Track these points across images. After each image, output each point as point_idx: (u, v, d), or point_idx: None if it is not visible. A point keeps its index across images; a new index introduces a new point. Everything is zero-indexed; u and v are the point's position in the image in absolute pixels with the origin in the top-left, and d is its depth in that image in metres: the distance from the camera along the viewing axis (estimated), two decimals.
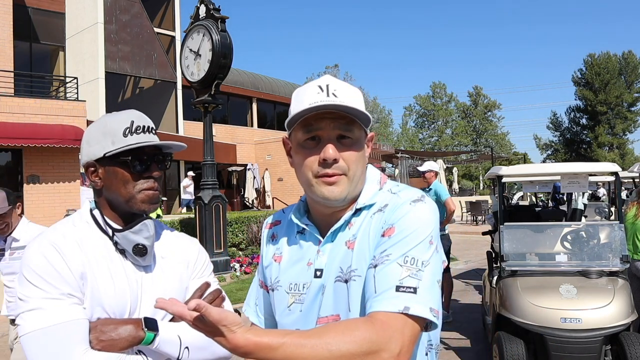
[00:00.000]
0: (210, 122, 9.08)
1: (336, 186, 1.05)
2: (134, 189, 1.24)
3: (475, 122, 57.17)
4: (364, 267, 1.01)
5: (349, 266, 1.03)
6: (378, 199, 1.09)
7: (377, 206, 1.08)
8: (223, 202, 9.05)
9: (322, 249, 1.09)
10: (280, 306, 1.14)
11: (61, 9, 18.18)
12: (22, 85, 16.20)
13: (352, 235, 1.07)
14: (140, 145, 1.23)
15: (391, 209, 1.04)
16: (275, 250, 1.20)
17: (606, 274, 3.97)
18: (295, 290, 1.11)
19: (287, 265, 1.15)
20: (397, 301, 0.92)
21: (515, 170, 4.92)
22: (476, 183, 48.49)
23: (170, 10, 20.52)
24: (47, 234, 1.22)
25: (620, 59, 50.41)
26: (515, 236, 4.38)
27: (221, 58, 8.46)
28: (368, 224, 1.06)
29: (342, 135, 1.05)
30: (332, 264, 1.07)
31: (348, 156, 1.05)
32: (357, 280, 1.01)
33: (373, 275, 0.97)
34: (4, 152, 13.72)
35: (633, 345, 3.38)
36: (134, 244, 1.24)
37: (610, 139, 50.36)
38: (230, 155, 21.23)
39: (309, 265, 1.10)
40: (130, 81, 21.12)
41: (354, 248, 1.04)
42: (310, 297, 1.08)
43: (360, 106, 1.05)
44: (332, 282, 1.05)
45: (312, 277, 1.08)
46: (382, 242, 1.00)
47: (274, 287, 1.16)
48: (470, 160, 44.33)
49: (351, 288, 1.02)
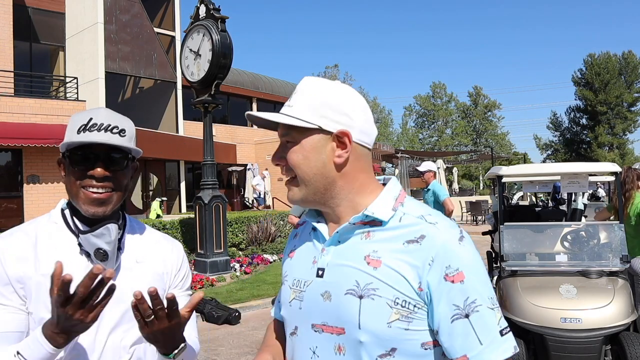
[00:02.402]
0: (210, 122, 9.07)
1: (290, 191, 1.09)
2: (77, 187, 1.21)
3: (475, 122, 57.19)
4: (389, 291, 0.97)
5: (369, 283, 0.98)
6: (406, 220, 1.03)
7: (406, 232, 1.01)
8: (223, 202, 9.05)
9: (327, 248, 1.08)
10: (284, 300, 1.15)
11: (61, 9, 18.18)
12: (22, 85, 16.22)
13: (374, 251, 1.01)
14: (82, 143, 1.19)
15: (434, 246, 0.98)
16: (293, 247, 1.21)
17: (606, 274, 3.97)
18: (296, 287, 1.11)
19: (295, 261, 1.16)
20: (507, 345, 0.97)
21: (515, 170, 4.92)
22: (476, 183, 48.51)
23: (170, 10, 20.52)
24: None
25: (620, 59, 50.44)
26: (515, 236, 4.38)
27: (221, 58, 8.47)
28: (400, 252, 0.99)
29: (287, 140, 1.07)
30: (339, 271, 1.03)
31: (288, 157, 1.07)
32: (376, 299, 0.97)
33: (471, 327, 0.96)
34: (4, 152, 13.73)
35: (633, 345, 3.38)
36: (95, 247, 1.20)
37: (610, 139, 50.37)
38: (230, 155, 21.24)
39: (313, 264, 1.09)
40: (130, 81, 21.12)
41: (378, 268, 0.99)
42: (310, 296, 1.06)
43: (292, 112, 1.05)
44: (340, 293, 1.01)
45: (314, 275, 1.07)
46: (454, 288, 0.96)
47: (283, 281, 1.18)
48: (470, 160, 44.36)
49: (365, 305, 0.98)
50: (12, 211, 13.75)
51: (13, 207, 13.82)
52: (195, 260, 9.06)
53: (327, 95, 1.05)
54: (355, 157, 1.06)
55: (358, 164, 1.06)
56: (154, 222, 10.74)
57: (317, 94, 1.05)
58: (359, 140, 1.06)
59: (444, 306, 0.96)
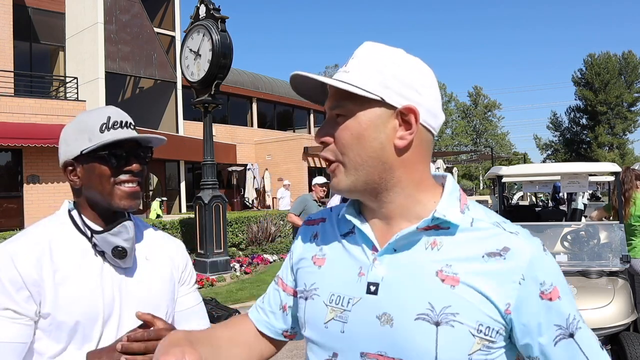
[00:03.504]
0: (210, 122, 9.07)
1: (334, 177, 0.91)
2: (113, 184, 1.21)
3: (475, 122, 57.18)
4: (472, 316, 0.82)
5: (447, 306, 0.82)
6: (479, 226, 0.87)
7: (483, 242, 0.85)
8: (223, 202, 9.05)
9: (379, 258, 0.88)
10: (314, 320, 0.93)
11: (61, 9, 18.17)
12: (22, 85, 16.21)
13: (447, 265, 0.84)
14: (117, 139, 1.19)
15: (524, 260, 0.83)
16: (318, 251, 0.98)
17: (606, 274, 3.97)
18: (337, 304, 0.90)
19: (329, 271, 0.94)
20: (607, 357, 0.90)
21: (515, 170, 4.92)
22: (476, 183, 48.52)
23: (170, 10, 20.52)
24: (9, 242, 1.18)
25: (620, 59, 50.41)
26: None
27: (221, 58, 8.46)
28: (479, 266, 0.83)
29: (337, 114, 0.89)
30: (403, 289, 0.85)
31: (337, 135, 0.89)
32: (456, 327, 0.81)
33: (577, 347, 0.85)
34: (4, 152, 13.73)
35: (633, 345, 3.38)
36: (113, 246, 1.20)
37: (610, 139, 50.35)
38: (230, 155, 21.24)
39: (359, 276, 0.89)
40: (130, 81, 21.12)
41: (456, 286, 0.83)
42: (359, 318, 0.87)
43: (351, 78, 0.87)
44: (408, 317, 0.83)
45: (363, 291, 0.87)
46: (552, 307, 0.84)
47: (309, 295, 0.95)
48: (470, 160, 44.37)
49: (443, 334, 0.81)
50: (12, 211, 13.75)
51: (13, 207, 13.81)
52: (195, 260, 9.05)
53: (392, 63, 0.87)
54: (419, 142, 0.88)
55: (420, 151, 0.89)
56: (154, 222, 10.74)
57: (381, 61, 0.87)
58: (425, 122, 0.88)
59: (545, 328, 0.84)
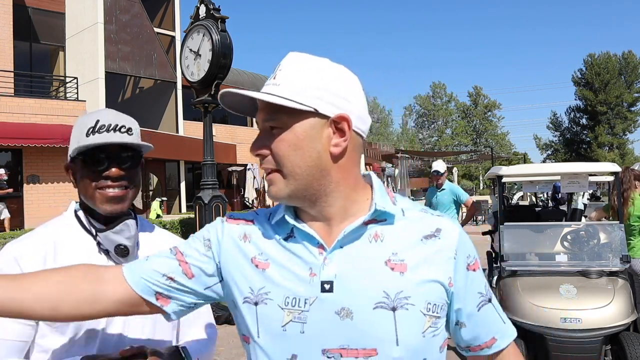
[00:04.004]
0: (210, 122, 9.07)
1: (272, 185, 0.93)
2: (93, 188, 1.22)
3: (475, 122, 57.19)
4: (422, 297, 0.89)
5: (400, 291, 0.88)
6: (410, 214, 0.95)
7: (418, 227, 0.94)
8: (223, 202, 9.04)
9: (329, 257, 0.90)
10: (270, 325, 0.92)
11: (61, 9, 18.17)
12: (22, 85, 16.21)
13: (393, 253, 0.90)
14: (94, 144, 1.20)
15: (454, 237, 0.94)
16: (257, 254, 0.96)
17: (606, 274, 3.97)
18: (293, 306, 0.90)
19: (278, 274, 0.93)
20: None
21: (515, 170, 4.93)
22: (476, 183, 48.53)
23: (170, 10, 20.52)
24: (15, 243, 1.20)
25: (620, 59, 50.42)
26: (515, 236, 4.38)
27: (221, 58, 8.46)
28: (421, 250, 0.91)
29: (271, 126, 0.91)
30: (357, 282, 0.89)
31: (274, 147, 0.90)
32: (410, 309, 0.88)
33: (494, 310, 1.01)
34: (4, 152, 13.73)
35: (633, 345, 3.38)
36: (115, 244, 1.22)
37: (610, 139, 50.36)
38: (230, 155, 21.24)
39: (312, 277, 0.90)
40: (130, 81, 21.12)
41: (405, 272, 0.89)
42: (318, 317, 0.89)
43: (281, 91, 0.88)
44: (367, 308, 0.87)
45: (317, 291, 0.89)
46: (476, 276, 0.97)
47: (260, 300, 0.93)
48: (470, 160, 44.36)
49: (400, 317, 0.87)
50: (12, 211, 13.72)
51: (13, 207, 13.80)
52: None
53: (321, 73, 0.90)
54: (353, 147, 0.92)
55: (354, 156, 0.94)
56: (154, 222, 10.74)
57: (310, 72, 0.90)
58: (357, 127, 0.92)
59: (471, 296, 0.96)
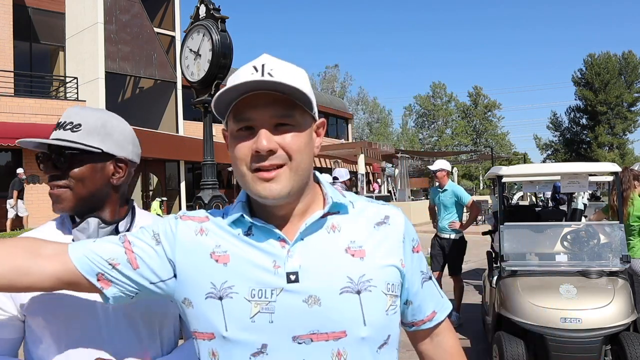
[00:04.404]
0: (210, 122, 9.03)
1: (275, 182, 0.91)
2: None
3: (475, 122, 57.19)
4: (382, 278, 0.97)
5: (362, 275, 0.95)
6: (359, 205, 1.04)
7: (369, 216, 1.03)
8: (223, 202, 9.04)
9: (292, 249, 0.94)
10: (237, 317, 0.93)
11: (61, 9, 18.18)
12: (22, 85, 16.23)
13: (351, 241, 0.98)
14: (33, 142, 1.21)
15: (401, 223, 1.05)
16: (215, 248, 0.97)
17: (606, 274, 3.98)
18: (260, 297, 0.92)
19: (240, 267, 0.95)
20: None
21: (515, 170, 4.92)
22: (476, 183, 48.54)
23: (170, 10, 20.52)
24: None
25: (620, 59, 50.43)
26: (515, 236, 4.38)
27: (221, 58, 8.42)
28: (375, 236, 1.00)
29: (280, 123, 0.92)
30: (322, 271, 0.94)
31: (289, 142, 0.92)
32: (373, 290, 0.95)
33: (434, 285, 1.13)
34: (4, 152, 13.74)
35: (633, 345, 3.38)
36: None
37: (610, 139, 50.37)
38: None
39: (276, 268, 0.93)
40: (130, 81, 21.12)
41: (364, 257, 0.97)
42: (286, 306, 0.92)
43: (301, 85, 0.90)
44: (333, 294, 0.93)
45: (284, 282, 0.92)
46: (419, 257, 1.09)
47: (224, 295, 0.94)
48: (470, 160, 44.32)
49: (365, 299, 0.94)
50: None
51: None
52: None
53: (304, 74, 1.00)
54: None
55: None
56: None
57: (300, 72, 0.99)
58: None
59: (416, 275, 1.07)
